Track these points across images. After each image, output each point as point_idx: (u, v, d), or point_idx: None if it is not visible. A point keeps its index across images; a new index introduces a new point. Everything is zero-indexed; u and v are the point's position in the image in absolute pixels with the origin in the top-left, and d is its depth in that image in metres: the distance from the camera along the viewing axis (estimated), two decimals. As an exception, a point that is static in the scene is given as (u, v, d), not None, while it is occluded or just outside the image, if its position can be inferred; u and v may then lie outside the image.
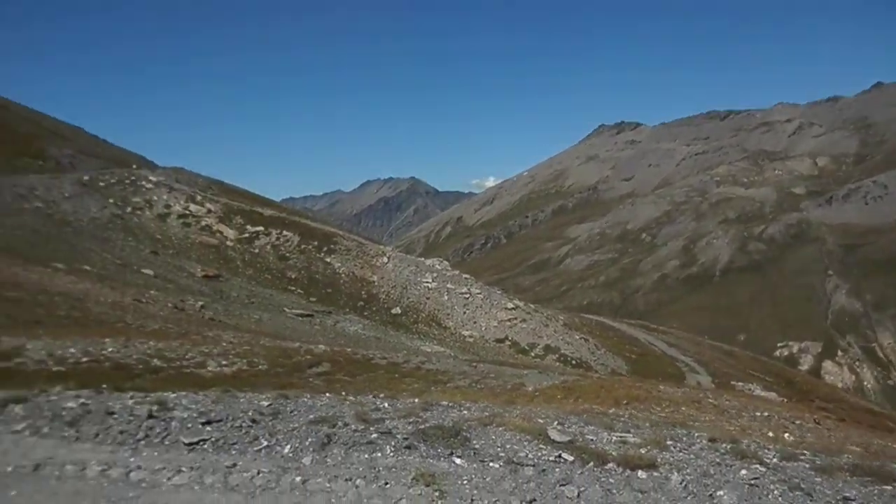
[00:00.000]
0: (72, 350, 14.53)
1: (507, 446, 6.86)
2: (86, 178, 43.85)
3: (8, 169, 41.82)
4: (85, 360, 14.17)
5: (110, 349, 15.32)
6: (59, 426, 6.72)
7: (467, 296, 44.58)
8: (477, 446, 6.80)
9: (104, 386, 8.81)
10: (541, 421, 8.13)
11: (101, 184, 43.76)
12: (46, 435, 6.55)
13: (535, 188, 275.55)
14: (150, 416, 6.94)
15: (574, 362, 39.72)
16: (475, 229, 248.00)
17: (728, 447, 7.60)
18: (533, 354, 40.05)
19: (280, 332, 28.30)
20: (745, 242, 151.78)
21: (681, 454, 7.16)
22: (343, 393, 11.16)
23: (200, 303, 29.25)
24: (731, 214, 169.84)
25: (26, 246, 29.57)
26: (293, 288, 40.88)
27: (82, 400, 7.46)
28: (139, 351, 15.71)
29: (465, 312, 43.27)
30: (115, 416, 6.97)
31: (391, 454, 6.48)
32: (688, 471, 6.54)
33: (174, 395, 8.25)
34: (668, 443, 7.58)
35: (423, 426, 7.28)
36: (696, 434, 8.43)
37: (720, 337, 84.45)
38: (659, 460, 6.71)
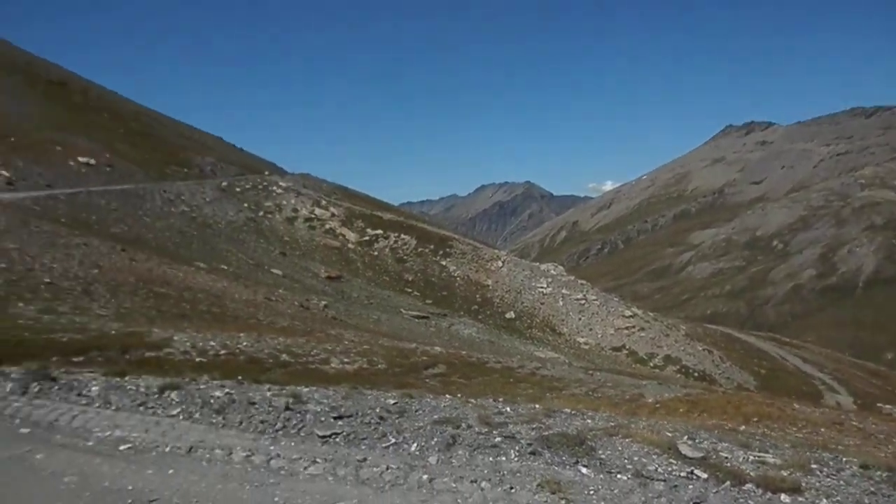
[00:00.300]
0: (212, 343, 15.72)
1: (635, 458, 6.62)
2: (224, 183, 47.46)
3: (158, 176, 46.05)
4: (223, 352, 15.27)
5: (244, 343, 16.42)
6: (208, 413, 7.31)
7: (583, 302, 43.70)
8: (603, 456, 6.62)
9: (239, 377, 9.46)
10: (669, 434, 7.78)
11: (238, 189, 47.19)
12: (198, 420, 7.15)
13: (656, 192, 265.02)
14: (287, 408, 7.37)
15: (696, 375, 37.89)
16: (591, 234, 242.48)
17: (884, 475, 6.91)
18: (652, 364, 38.60)
19: (397, 332, 29.13)
20: (893, 251, 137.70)
21: (828, 480, 6.58)
22: (460, 395, 11.26)
23: (324, 302, 30.72)
24: (877, 220, 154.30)
25: (173, 246, 32.41)
26: (410, 290, 41.94)
27: (227, 390, 8.06)
28: (270, 346, 16.72)
29: (580, 319, 42.45)
30: (257, 406, 7.47)
31: (515, 459, 6.46)
32: (838, 498, 6.00)
33: (307, 389, 8.71)
34: (813, 466, 7.00)
35: (546, 433, 7.19)
36: (844, 459, 7.74)
37: (863, 354, 77.38)
38: (804, 484, 6.21)
